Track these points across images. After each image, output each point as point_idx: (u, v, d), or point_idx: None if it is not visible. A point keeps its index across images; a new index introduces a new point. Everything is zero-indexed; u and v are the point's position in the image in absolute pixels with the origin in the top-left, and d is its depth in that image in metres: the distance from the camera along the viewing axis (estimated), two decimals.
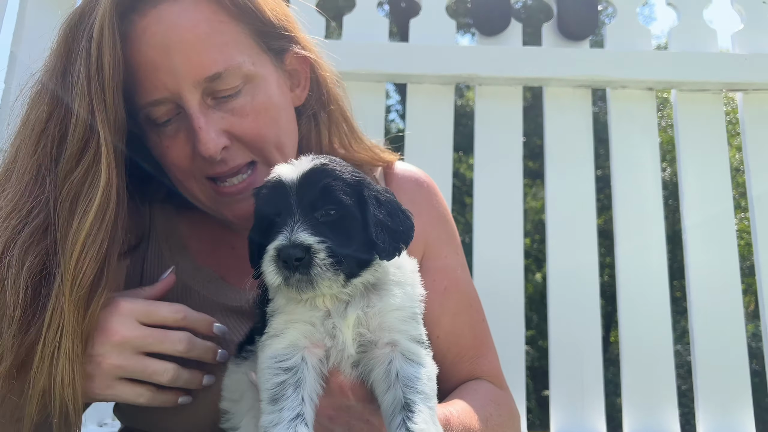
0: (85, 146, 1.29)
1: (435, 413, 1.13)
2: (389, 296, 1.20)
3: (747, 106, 2.67)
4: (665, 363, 2.43)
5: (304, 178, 1.16)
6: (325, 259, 1.10)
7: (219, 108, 1.38)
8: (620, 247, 2.55)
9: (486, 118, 2.68)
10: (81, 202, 1.27)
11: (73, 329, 1.23)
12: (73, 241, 1.25)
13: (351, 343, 1.17)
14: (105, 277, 1.28)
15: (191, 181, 1.45)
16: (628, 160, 2.64)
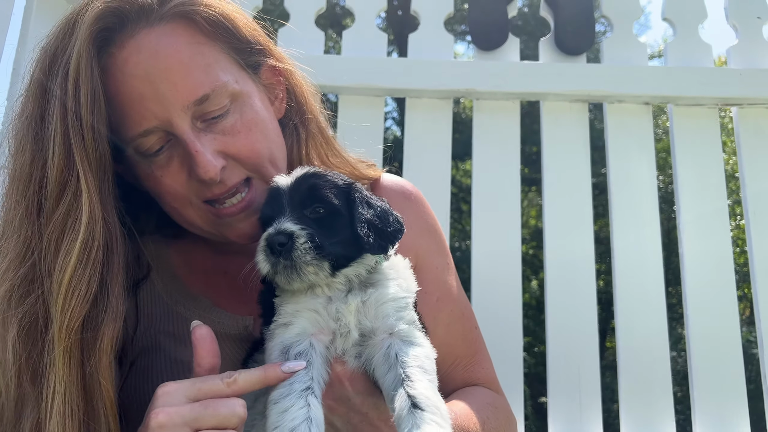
0: (65, 185, 1.26)
1: (436, 387, 1.16)
2: (384, 288, 1.28)
3: (742, 121, 2.70)
4: (662, 369, 2.44)
5: (296, 181, 1.29)
6: (306, 243, 1.20)
7: (210, 130, 1.36)
8: (617, 255, 2.57)
9: (484, 131, 2.69)
10: (64, 242, 1.23)
11: (65, 378, 1.18)
12: (58, 281, 1.21)
13: (355, 326, 1.24)
14: (101, 317, 1.23)
15: (188, 209, 1.42)
16: (625, 173, 2.66)
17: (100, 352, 1.21)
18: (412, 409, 1.10)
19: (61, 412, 1.16)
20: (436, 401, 1.12)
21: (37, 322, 1.22)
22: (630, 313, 2.51)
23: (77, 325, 1.20)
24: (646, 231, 2.59)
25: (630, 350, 2.47)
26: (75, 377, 1.18)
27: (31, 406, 1.19)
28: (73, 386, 1.18)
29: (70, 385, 1.17)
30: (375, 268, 1.31)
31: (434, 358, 1.24)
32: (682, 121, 2.70)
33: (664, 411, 2.41)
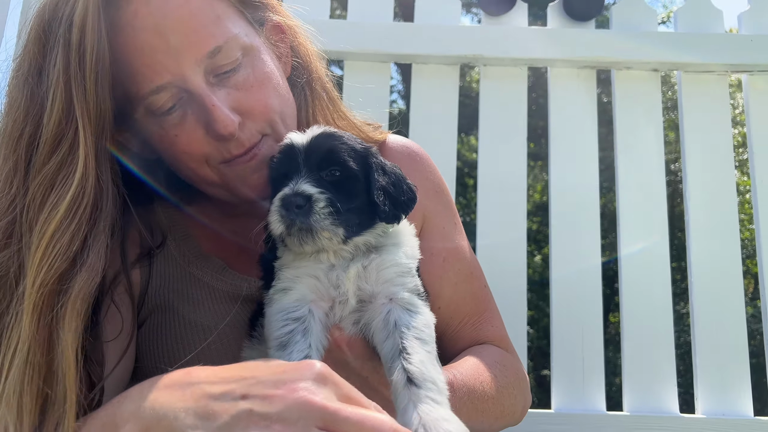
0: (61, 138, 1.22)
1: (433, 357, 1.16)
2: (387, 253, 1.26)
3: (752, 88, 2.67)
4: (665, 343, 2.45)
5: (313, 141, 1.25)
6: (325, 208, 1.17)
7: (223, 85, 1.34)
8: (623, 228, 2.56)
9: (490, 98, 2.68)
10: (53, 194, 1.19)
11: (30, 336, 1.10)
12: (40, 235, 1.16)
13: (353, 294, 1.22)
14: (75, 278, 1.17)
15: (204, 168, 1.40)
16: (632, 142, 2.64)
17: (67, 312, 1.14)
18: (408, 384, 1.09)
19: (20, 372, 1.07)
20: (433, 375, 1.11)
21: (7, 277, 1.16)
22: (635, 287, 2.51)
23: (52, 281, 1.14)
24: (652, 202, 2.58)
25: (634, 324, 2.48)
26: (41, 338, 1.11)
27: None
28: (37, 346, 1.10)
29: (34, 344, 1.09)
30: (383, 234, 1.30)
31: (434, 325, 1.23)
32: (691, 89, 2.67)
33: (666, 385, 2.43)
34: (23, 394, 1.06)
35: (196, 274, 1.54)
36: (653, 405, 2.41)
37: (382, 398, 1.24)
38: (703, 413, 2.39)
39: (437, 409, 1.06)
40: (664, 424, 2.35)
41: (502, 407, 1.49)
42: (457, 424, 1.05)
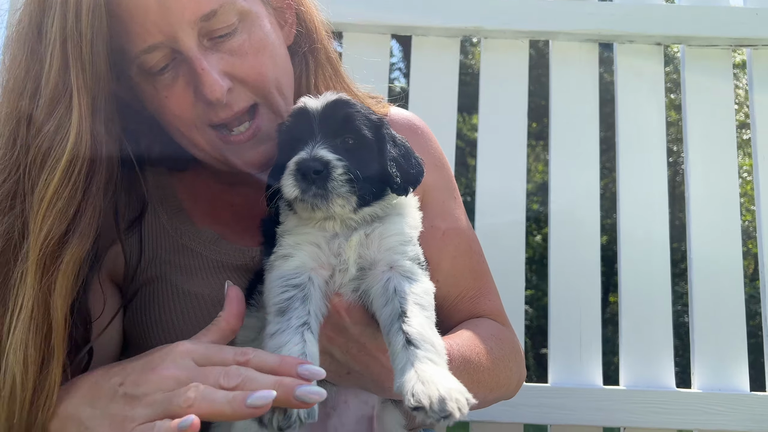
0: (58, 100, 1.23)
1: (432, 323, 1.17)
2: (390, 223, 1.27)
3: (756, 63, 2.63)
4: (663, 319, 2.45)
5: (327, 107, 1.25)
6: (342, 175, 1.17)
7: (217, 49, 1.34)
8: (622, 204, 2.54)
9: (491, 72, 2.64)
10: (51, 157, 1.22)
11: (35, 294, 1.18)
12: (39, 197, 1.20)
13: (353, 262, 1.23)
14: (70, 239, 1.22)
15: (193, 132, 1.40)
16: (634, 117, 2.60)
17: (59, 272, 1.20)
18: (407, 345, 1.10)
19: (26, 327, 1.16)
20: (431, 337, 1.12)
21: (12, 237, 1.21)
22: (634, 264, 2.50)
23: (52, 242, 1.20)
24: (652, 181, 2.56)
25: (632, 301, 2.47)
26: (42, 296, 1.19)
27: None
28: (39, 303, 1.18)
29: (37, 301, 1.18)
30: (389, 206, 1.31)
31: (433, 294, 1.24)
32: (694, 64, 2.63)
33: (663, 360, 2.43)
34: (28, 346, 1.16)
35: (189, 245, 1.54)
36: (650, 380, 2.41)
37: (379, 364, 1.25)
38: (699, 388, 2.40)
39: (435, 368, 1.07)
40: (659, 399, 2.36)
41: (498, 379, 1.50)
42: (456, 382, 1.06)
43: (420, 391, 1.01)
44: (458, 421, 1.02)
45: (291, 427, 1.02)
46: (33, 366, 1.16)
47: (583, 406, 2.35)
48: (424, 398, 1.00)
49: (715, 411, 2.35)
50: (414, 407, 1.01)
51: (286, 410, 1.02)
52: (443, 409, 0.99)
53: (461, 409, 1.01)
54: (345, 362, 1.27)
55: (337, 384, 1.30)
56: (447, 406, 0.99)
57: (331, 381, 1.30)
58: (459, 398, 1.02)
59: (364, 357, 1.27)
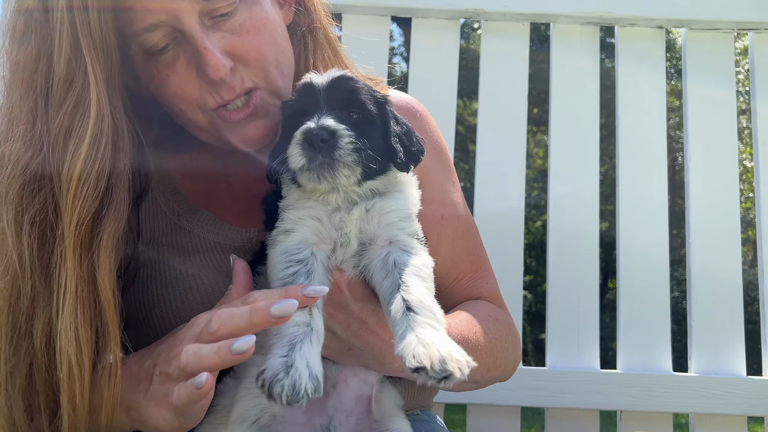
0: (73, 77, 1.23)
1: (432, 294, 1.18)
2: (390, 198, 1.28)
3: (758, 47, 2.61)
4: (661, 303, 2.45)
5: (332, 82, 1.26)
6: (349, 144, 1.17)
7: (218, 28, 1.33)
8: (622, 190, 2.54)
9: (492, 55, 2.62)
10: (73, 136, 1.22)
11: (76, 273, 1.19)
12: (68, 177, 1.20)
13: (355, 236, 1.24)
14: (106, 214, 1.23)
15: (196, 112, 1.39)
16: (634, 101, 2.59)
17: (100, 249, 1.22)
18: (407, 312, 1.11)
19: (72, 307, 1.17)
20: (431, 305, 1.13)
21: (47, 219, 1.22)
22: (632, 248, 2.49)
23: (88, 219, 1.20)
24: (652, 167, 2.55)
25: (631, 288, 2.47)
26: (85, 273, 1.20)
27: (43, 304, 1.21)
28: (83, 282, 1.19)
29: (80, 280, 1.19)
30: (391, 182, 1.31)
31: (432, 267, 1.25)
32: (696, 48, 2.62)
33: (660, 344, 2.43)
34: (78, 326, 1.18)
35: (186, 227, 1.54)
36: (647, 364, 2.43)
37: (380, 340, 1.26)
38: (696, 372, 2.41)
39: (435, 332, 1.08)
40: (656, 382, 2.37)
41: (495, 359, 1.51)
42: (455, 346, 1.07)
43: (421, 352, 1.02)
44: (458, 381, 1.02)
45: (298, 400, 1.03)
46: (86, 346, 1.18)
47: (580, 390, 2.36)
48: (425, 359, 1.01)
49: (712, 395, 2.36)
50: (415, 368, 1.01)
51: (294, 384, 1.03)
52: (444, 369, 1.00)
53: (461, 369, 1.02)
54: (346, 338, 1.27)
55: (337, 361, 1.31)
56: (447, 366, 1.00)
57: (332, 358, 1.30)
58: (459, 359, 1.03)
59: (365, 333, 1.27)
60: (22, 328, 1.22)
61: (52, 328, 1.19)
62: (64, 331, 1.17)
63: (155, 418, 1.16)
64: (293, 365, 1.04)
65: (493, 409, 2.38)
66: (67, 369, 1.16)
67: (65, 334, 1.17)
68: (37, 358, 1.20)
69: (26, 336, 1.21)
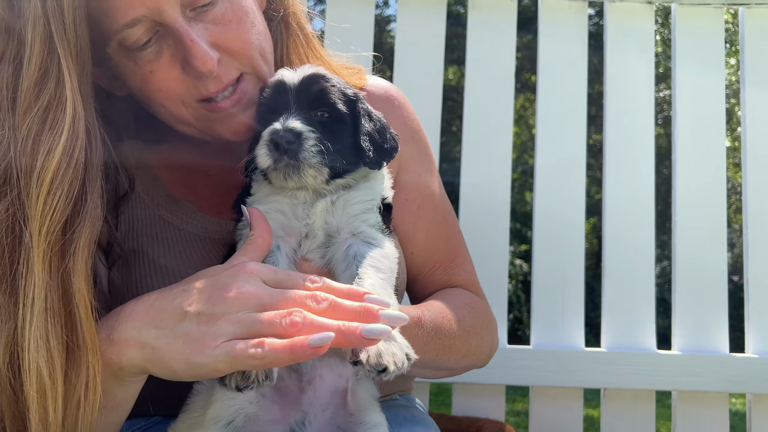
0: (44, 77, 1.18)
1: (387, 284, 1.20)
2: (356, 190, 1.31)
3: (748, 22, 2.58)
4: (645, 282, 2.48)
5: (304, 81, 1.27)
6: (314, 146, 1.20)
7: (200, 20, 1.31)
8: (608, 165, 2.54)
9: (479, 30, 2.59)
10: (45, 139, 1.16)
11: (45, 283, 1.12)
12: (39, 182, 1.14)
13: (320, 227, 1.27)
14: (81, 220, 1.18)
15: (180, 108, 1.37)
16: (623, 77, 2.58)
17: (76, 256, 1.16)
18: None
19: (42, 319, 1.11)
20: (383, 297, 1.13)
21: (13, 227, 1.15)
22: (618, 225, 2.51)
23: (58, 228, 1.14)
24: (639, 139, 2.55)
25: (615, 266, 2.49)
26: (55, 282, 1.14)
27: (5, 318, 1.12)
28: (53, 292, 1.13)
29: (50, 290, 1.12)
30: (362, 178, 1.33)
31: (395, 258, 1.27)
32: (685, 24, 2.58)
33: (645, 323, 2.46)
34: (49, 338, 1.10)
35: (166, 218, 1.53)
36: (631, 342, 2.45)
37: None
38: (679, 350, 2.44)
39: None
40: (640, 360, 2.40)
41: (469, 346, 1.52)
42: (402, 340, 1.08)
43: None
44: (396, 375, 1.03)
45: (248, 387, 1.05)
46: (59, 358, 1.10)
47: (564, 368, 2.39)
48: (363, 354, 1.03)
49: (695, 372, 2.40)
50: (353, 362, 1.05)
51: (244, 372, 1.05)
52: (379, 363, 1.02)
53: (396, 363, 1.03)
54: None
55: None
56: (382, 360, 1.02)
57: None
58: (396, 353, 1.04)
59: None
60: None
61: (17, 343, 1.11)
62: (34, 344, 1.09)
63: (175, 358, 1.07)
64: None
65: (478, 388, 2.42)
66: (37, 385, 1.09)
67: (35, 348, 1.09)
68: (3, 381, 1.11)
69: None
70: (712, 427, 2.44)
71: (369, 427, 1.28)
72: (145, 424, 1.54)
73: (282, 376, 1.27)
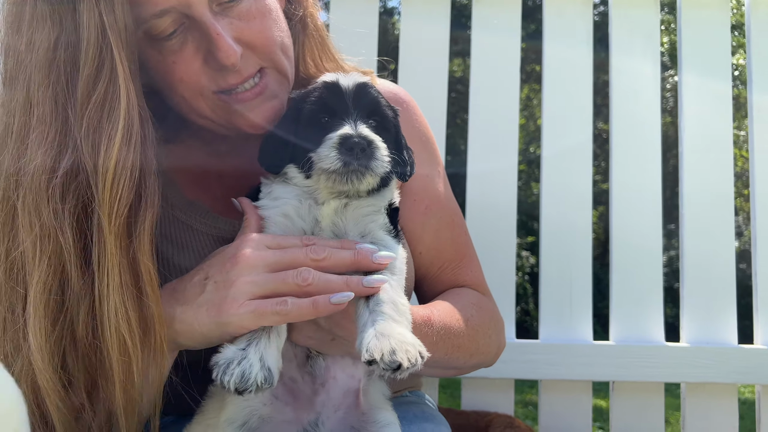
0: (101, 66, 1.22)
1: (398, 286, 1.22)
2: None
3: (754, 11, 2.56)
4: (653, 274, 2.48)
5: (358, 87, 1.30)
6: (386, 156, 1.24)
7: (225, 14, 1.34)
8: (615, 158, 2.54)
9: (484, 21, 2.58)
10: (105, 127, 1.22)
11: (119, 262, 1.22)
12: (103, 171, 1.20)
13: (328, 229, 1.29)
14: (144, 203, 1.26)
15: (199, 100, 1.40)
16: (628, 66, 2.56)
17: (141, 237, 1.25)
18: (368, 304, 1.16)
19: (119, 293, 1.21)
20: (394, 297, 1.17)
21: (86, 210, 1.24)
22: (625, 218, 2.50)
23: (125, 212, 1.22)
24: (646, 128, 2.54)
25: (623, 259, 2.49)
26: (126, 261, 1.23)
27: (85, 292, 1.23)
28: (125, 269, 1.22)
29: (123, 268, 1.22)
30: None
31: (404, 260, 1.29)
32: (691, 14, 2.57)
33: (653, 315, 2.46)
34: (128, 308, 1.22)
35: (180, 218, 1.56)
36: (639, 335, 2.46)
37: None
38: (688, 342, 2.45)
39: (394, 325, 1.12)
40: (648, 353, 2.40)
41: (477, 345, 1.54)
42: (411, 337, 1.10)
43: (374, 345, 1.07)
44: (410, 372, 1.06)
45: (248, 389, 1.08)
46: (136, 326, 1.22)
47: (573, 362, 2.40)
48: (377, 352, 1.05)
49: (703, 364, 2.40)
50: (368, 361, 1.06)
51: (243, 373, 1.09)
52: (393, 360, 1.04)
53: (410, 360, 1.05)
54: (329, 329, 1.30)
55: (323, 352, 1.34)
56: (396, 357, 1.04)
57: (318, 349, 1.34)
58: (410, 350, 1.06)
59: (347, 323, 1.30)
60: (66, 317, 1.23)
61: (96, 314, 1.22)
62: (114, 315, 1.20)
63: (203, 323, 1.21)
64: (246, 357, 1.11)
65: (487, 382, 2.44)
66: (120, 349, 1.20)
67: (115, 317, 1.20)
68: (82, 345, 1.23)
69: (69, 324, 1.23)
70: (722, 418, 2.44)
71: (381, 425, 1.30)
72: (159, 424, 1.57)
73: (295, 379, 1.29)
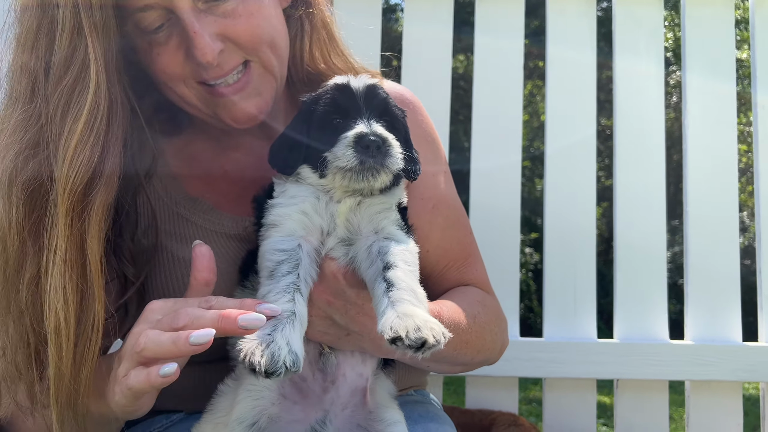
0: (73, 52, 1.28)
1: (414, 276, 1.23)
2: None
3: (759, 10, 2.56)
4: (657, 272, 2.49)
5: (369, 88, 1.32)
6: (400, 153, 1.26)
7: (211, 12, 1.36)
8: (619, 158, 2.54)
9: (487, 17, 2.59)
10: (72, 108, 1.27)
11: (66, 237, 1.25)
12: (65, 148, 1.26)
13: (342, 226, 1.30)
14: (99, 185, 1.29)
15: (181, 87, 1.44)
16: (632, 65, 2.57)
17: (91, 216, 1.28)
18: (388, 290, 1.17)
19: (61, 268, 1.24)
20: (412, 285, 1.18)
21: (42, 184, 1.28)
22: (629, 216, 2.51)
23: (80, 188, 1.26)
24: (650, 124, 2.55)
25: (627, 257, 2.50)
26: (75, 237, 1.26)
27: (29, 260, 1.28)
28: (72, 246, 1.26)
29: (70, 244, 1.25)
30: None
31: (417, 253, 1.30)
32: (695, 12, 2.57)
33: (657, 313, 2.47)
34: (66, 285, 1.24)
35: (183, 214, 1.57)
36: (643, 332, 2.47)
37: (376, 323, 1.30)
38: (692, 340, 2.45)
39: (414, 308, 1.13)
40: (652, 351, 2.41)
41: (483, 341, 1.56)
42: (435, 321, 1.10)
43: (398, 324, 1.08)
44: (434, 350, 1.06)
45: (277, 371, 1.08)
46: (72, 304, 1.25)
47: (577, 360, 2.41)
48: (401, 329, 1.06)
49: (708, 362, 2.41)
50: (391, 339, 1.07)
51: (273, 354, 1.08)
52: (419, 337, 1.05)
53: (435, 337, 1.06)
54: (345, 324, 1.32)
55: (337, 347, 1.36)
56: (422, 333, 1.05)
57: (332, 344, 1.35)
58: (435, 328, 1.07)
59: (362, 317, 1.32)
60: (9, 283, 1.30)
61: (39, 285, 1.26)
62: (54, 289, 1.24)
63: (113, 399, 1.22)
64: (274, 341, 1.10)
65: (491, 381, 2.45)
66: (54, 324, 1.23)
67: (54, 292, 1.23)
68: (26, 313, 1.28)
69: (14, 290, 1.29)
70: (726, 416, 2.45)
71: (387, 424, 1.31)
72: (167, 422, 1.59)
73: (305, 377, 1.31)
